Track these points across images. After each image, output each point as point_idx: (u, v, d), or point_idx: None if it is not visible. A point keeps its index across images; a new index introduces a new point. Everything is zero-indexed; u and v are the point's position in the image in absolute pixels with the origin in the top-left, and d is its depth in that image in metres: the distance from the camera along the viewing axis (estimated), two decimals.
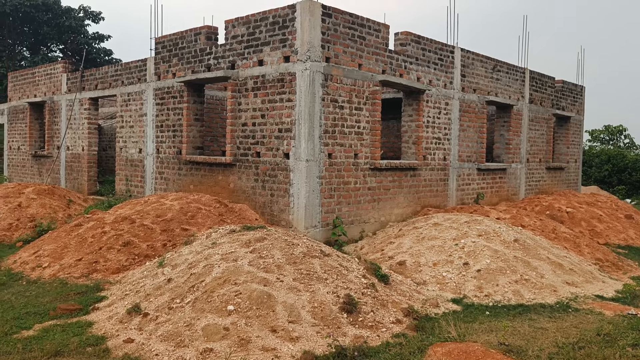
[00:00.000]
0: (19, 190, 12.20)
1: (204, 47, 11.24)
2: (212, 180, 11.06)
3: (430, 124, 11.90)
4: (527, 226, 10.53)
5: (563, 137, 17.70)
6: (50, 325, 5.61)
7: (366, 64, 10.27)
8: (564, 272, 7.98)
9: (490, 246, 8.11)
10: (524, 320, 6.22)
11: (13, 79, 18.92)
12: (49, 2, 29.87)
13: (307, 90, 9.22)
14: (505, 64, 14.39)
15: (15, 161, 18.65)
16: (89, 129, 15.17)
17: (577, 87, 18.11)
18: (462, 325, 5.90)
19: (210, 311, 5.37)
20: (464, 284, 7.38)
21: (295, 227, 9.30)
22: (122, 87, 13.79)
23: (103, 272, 7.57)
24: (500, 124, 14.78)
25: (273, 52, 9.77)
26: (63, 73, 16.24)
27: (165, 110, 12.29)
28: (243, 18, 10.32)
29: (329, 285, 5.99)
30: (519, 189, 15.25)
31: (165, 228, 8.64)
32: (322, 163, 9.53)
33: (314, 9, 9.26)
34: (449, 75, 12.44)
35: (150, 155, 12.77)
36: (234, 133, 10.50)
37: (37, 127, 17.68)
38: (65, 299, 6.55)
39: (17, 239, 10.47)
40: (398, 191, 11.17)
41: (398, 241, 9.00)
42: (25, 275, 7.70)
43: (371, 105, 10.37)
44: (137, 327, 5.42)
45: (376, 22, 10.47)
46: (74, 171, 15.61)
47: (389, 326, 5.68)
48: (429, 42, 11.84)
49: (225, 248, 6.77)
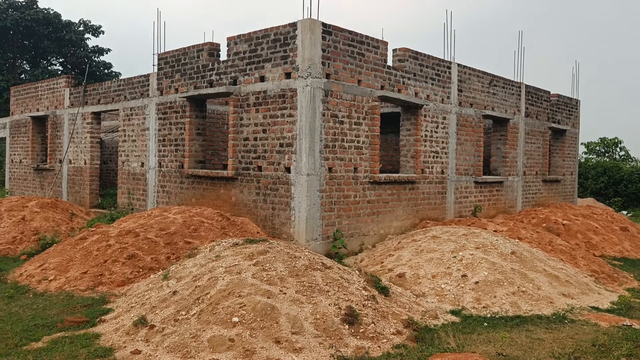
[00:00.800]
0: (23, 203, 12.36)
1: (207, 63, 11.46)
2: (214, 194, 11.23)
3: (428, 138, 12.11)
4: (524, 238, 10.69)
5: (559, 150, 17.93)
6: (58, 337, 5.75)
7: (365, 79, 10.49)
8: (560, 283, 8.13)
9: (488, 258, 8.27)
10: (521, 331, 6.37)
11: (15, 93, 19.13)
12: (50, 16, 30.22)
13: (307, 105, 9.43)
14: (501, 78, 14.64)
15: (17, 174, 18.80)
16: (91, 142, 15.35)
17: (572, 100, 18.37)
18: (461, 336, 6.05)
19: (216, 323, 5.52)
20: (463, 295, 7.53)
21: (296, 240, 9.46)
22: (124, 101, 13.99)
23: (108, 285, 7.71)
24: (497, 137, 15.00)
25: (274, 69, 9.98)
26: (66, 87, 16.45)
27: (168, 125, 12.48)
28: (245, 35, 10.55)
29: (331, 297, 6.14)
30: (516, 201, 15.44)
31: (168, 241, 8.79)
32: (323, 177, 9.71)
33: (315, 27, 9.49)
34: (446, 90, 12.67)
35: (153, 169, 12.94)
36: (235, 147, 10.68)
37: (39, 140, 17.86)
38: (72, 312, 6.68)
39: (22, 252, 10.61)
40: (397, 204, 11.34)
41: (397, 254, 9.16)
42: (31, 288, 7.84)
43: (370, 120, 10.57)
44: (144, 339, 5.55)
45: (375, 39, 10.70)
46: (76, 184, 15.77)
47: (389, 337, 5.82)
48: (426, 58, 12.08)
49: (228, 261, 6.92)
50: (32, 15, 28.99)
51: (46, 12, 30.20)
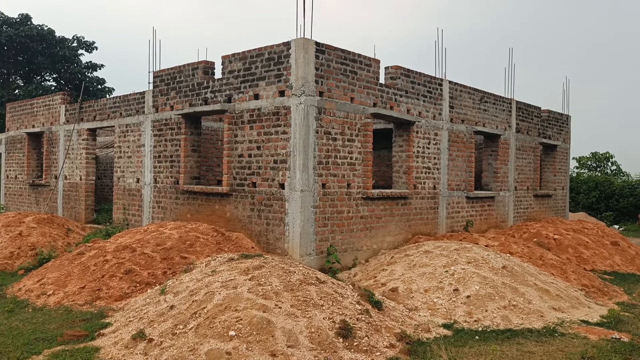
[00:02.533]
0: (20, 219, 12.44)
1: (201, 81, 11.66)
2: (209, 210, 11.36)
3: (420, 154, 12.32)
4: (515, 253, 10.87)
5: (550, 165, 18.19)
6: (59, 351, 5.85)
7: (358, 97, 10.71)
8: (551, 297, 8.29)
9: (480, 273, 8.43)
10: (512, 344, 6.51)
11: (11, 109, 19.25)
12: (44, 32, 30.43)
13: (301, 123, 9.62)
14: (492, 95, 14.92)
15: (12, 190, 18.85)
16: (86, 158, 15.47)
17: (562, 116, 18.68)
18: (453, 350, 6.19)
19: (213, 336, 5.63)
20: (454, 309, 7.67)
21: (290, 255, 9.59)
22: (120, 118, 14.15)
23: (106, 300, 7.81)
24: (488, 153, 15.24)
25: (268, 87, 10.19)
26: (62, 104, 16.59)
27: (163, 142, 12.64)
28: (239, 54, 10.76)
29: (325, 311, 6.27)
30: (508, 216, 15.65)
31: (165, 256, 8.91)
32: (316, 193, 9.87)
33: (308, 46, 9.71)
34: (438, 106, 12.92)
35: (148, 185, 13.07)
36: (230, 164, 10.84)
37: (34, 156, 17.96)
38: (71, 326, 6.78)
39: (19, 267, 10.69)
40: (390, 219, 11.51)
41: (390, 268, 9.30)
42: (30, 302, 7.93)
43: (363, 137, 10.77)
44: (143, 352, 5.66)
45: (367, 57, 10.94)
46: (72, 200, 15.85)
47: (383, 350, 5.95)
48: (418, 75, 12.33)
49: (224, 276, 7.04)
50: (26, 32, 29.18)
51: (40, 29, 30.40)
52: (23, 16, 30.34)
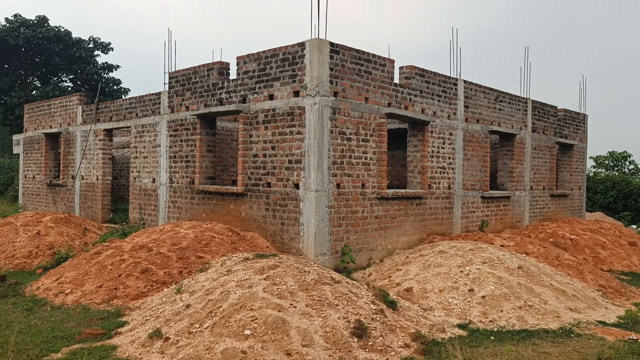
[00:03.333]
0: (37, 218, 12.62)
1: (216, 81, 11.73)
2: (224, 209, 11.43)
3: (435, 154, 12.28)
4: (530, 253, 10.79)
5: (566, 165, 18.03)
6: (77, 349, 5.93)
7: (372, 97, 10.70)
8: (567, 298, 8.23)
9: (495, 273, 8.39)
10: (527, 345, 6.47)
11: (29, 110, 19.52)
12: (61, 33, 30.78)
13: (316, 123, 9.64)
14: (507, 94, 14.82)
15: (30, 190, 19.11)
16: (103, 159, 15.64)
17: (579, 115, 18.50)
18: (468, 350, 6.16)
19: (228, 335, 5.68)
20: (469, 309, 7.64)
21: (305, 255, 9.62)
22: (136, 119, 14.29)
23: (123, 299, 7.90)
24: (503, 152, 15.15)
25: (283, 87, 10.22)
26: (78, 105, 16.79)
27: (179, 142, 12.73)
28: (254, 54, 10.81)
29: (340, 311, 6.29)
30: (523, 216, 15.54)
31: (181, 256, 8.98)
32: (331, 193, 9.89)
33: (323, 46, 9.73)
34: (453, 106, 12.87)
35: (164, 185, 13.18)
36: (245, 164, 10.90)
37: (52, 157, 18.20)
38: (88, 324, 6.87)
39: (37, 266, 10.85)
40: (404, 219, 11.49)
41: (405, 268, 9.29)
42: (49, 301, 8.05)
43: (377, 137, 10.77)
44: (159, 351, 5.72)
45: (382, 57, 10.93)
46: (88, 200, 16.03)
47: (397, 350, 5.95)
48: (432, 75, 12.29)
49: (240, 275, 7.09)
50: (43, 33, 29.54)
51: (57, 30, 30.76)
52: (40, 18, 30.73)
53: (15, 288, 8.78)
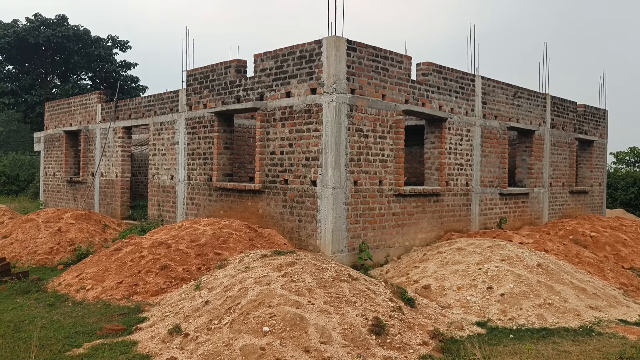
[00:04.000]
0: (58, 215, 12.80)
1: (234, 79, 11.78)
2: (241, 206, 11.49)
3: (453, 151, 12.21)
4: (550, 251, 10.69)
5: (586, 161, 17.81)
6: (98, 344, 6.02)
7: (389, 94, 10.67)
8: (588, 296, 8.14)
9: (514, 271, 8.33)
10: (547, 343, 6.42)
11: (49, 108, 19.79)
12: (80, 32, 31.11)
13: (333, 120, 9.64)
14: (526, 90, 14.67)
15: (51, 187, 19.39)
16: (122, 156, 15.81)
17: (599, 110, 18.26)
18: (487, 348, 6.13)
19: (247, 332, 5.71)
20: (488, 307, 7.60)
21: (322, 252, 9.64)
22: (154, 116, 14.40)
23: (143, 295, 7.99)
24: (522, 149, 15.01)
25: (300, 85, 10.23)
26: (98, 103, 16.98)
27: (197, 139, 12.82)
28: (271, 52, 10.83)
29: (358, 308, 6.29)
30: (542, 213, 15.39)
31: (199, 252, 9.05)
32: (348, 190, 9.89)
33: (340, 43, 9.72)
34: (470, 102, 12.77)
35: (182, 182, 13.28)
36: (262, 161, 10.94)
37: (72, 154, 18.44)
38: (109, 320, 6.97)
39: (59, 262, 11.02)
40: (422, 216, 11.45)
41: (422, 265, 9.26)
42: (70, 296, 8.17)
43: (395, 134, 10.73)
44: (179, 347, 5.78)
45: (399, 54, 10.89)
46: (108, 197, 16.22)
47: (415, 348, 5.94)
48: (450, 71, 12.21)
49: (258, 272, 7.12)
50: (63, 32, 29.88)
51: (76, 29, 31.09)
52: (60, 17, 31.07)
53: (38, 284, 8.92)
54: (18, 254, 11.25)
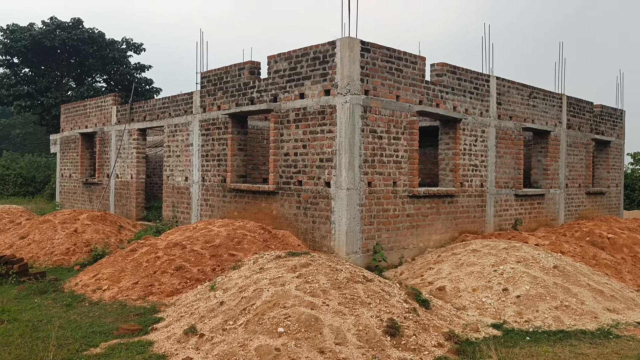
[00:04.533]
0: (75, 216, 12.93)
1: (248, 81, 11.82)
2: (255, 207, 11.52)
3: (467, 152, 12.14)
4: (566, 252, 10.59)
5: (603, 162, 17.62)
6: (115, 344, 6.07)
7: (403, 95, 10.64)
8: (605, 298, 8.05)
9: (530, 272, 8.26)
10: (564, 346, 6.36)
11: (65, 110, 20.00)
12: (95, 35, 31.42)
13: (347, 121, 9.64)
14: (541, 90, 14.55)
15: (67, 188, 19.59)
16: (137, 158, 15.93)
17: (616, 111, 18.05)
18: (503, 350, 6.09)
19: (262, 333, 5.73)
20: (504, 309, 7.55)
21: (336, 253, 9.63)
22: (169, 118, 14.50)
23: (158, 295, 8.05)
24: (537, 149, 14.88)
25: (314, 86, 10.24)
26: (113, 105, 17.13)
27: (211, 141, 12.88)
28: (285, 54, 10.86)
29: (373, 310, 6.28)
30: (558, 214, 15.24)
31: (214, 253, 9.09)
32: (362, 191, 9.87)
33: (353, 44, 9.71)
34: (485, 103, 12.70)
35: (196, 183, 13.35)
36: (276, 162, 10.96)
37: (87, 156, 18.63)
38: (125, 320, 7.02)
39: (75, 262, 11.13)
40: (436, 218, 11.40)
41: (437, 267, 9.22)
42: (87, 297, 8.25)
43: (409, 135, 10.70)
44: (194, 347, 5.81)
45: (413, 55, 10.86)
46: (123, 198, 16.35)
47: (431, 349, 5.92)
48: (464, 72, 12.15)
49: (272, 273, 7.14)
50: (78, 35, 30.21)
51: (91, 32, 31.40)
52: (75, 20, 31.41)
53: (55, 284, 9.02)
54: (35, 254, 11.39)
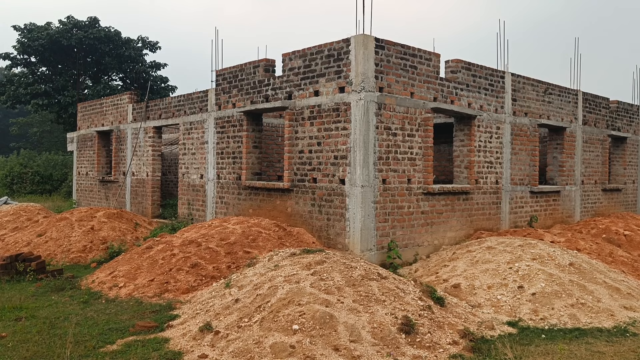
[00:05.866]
0: (91, 214, 13.08)
1: (262, 78, 11.85)
2: (270, 205, 11.57)
3: (482, 148, 12.08)
4: (582, 249, 10.50)
5: (619, 158, 17.42)
6: (131, 341, 6.14)
7: (418, 92, 10.60)
8: (622, 296, 7.97)
9: (545, 270, 8.20)
10: (580, 343, 6.32)
11: (82, 109, 20.21)
12: (111, 34, 31.66)
13: (361, 119, 9.63)
14: (557, 86, 14.41)
15: (84, 186, 19.81)
16: (153, 155, 16.06)
17: (633, 107, 17.83)
18: (518, 348, 6.07)
19: (277, 330, 5.76)
20: (519, 307, 7.51)
21: (351, 251, 9.64)
22: (184, 116, 14.59)
23: (174, 292, 8.12)
24: (553, 146, 14.76)
25: (328, 83, 10.25)
26: (129, 103, 17.28)
27: (226, 138, 12.95)
28: (299, 51, 10.87)
29: (387, 307, 6.29)
30: (574, 211, 15.11)
31: (229, 251, 9.15)
32: (377, 188, 9.87)
33: (368, 42, 9.70)
34: (500, 100, 12.61)
35: (211, 181, 13.43)
36: (291, 160, 10.99)
37: (104, 154, 18.81)
38: (141, 317, 7.10)
39: (92, 260, 11.27)
40: (451, 215, 11.36)
41: (452, 264, 9.19)
42: (103, 294, 8.35)
43: (423, 132, 10.67)
44: (210, 344, 5.86)
45: (427, 52, 10.81)
46: (139, 195, 16.50)
47: (445, 347, 5.91)
48: (479, 68, 12.08)
49: (287, 270, 7.17)
50: (94, 34, 30.47)
51: (107, 31, 31.64)
52: (91, 19, 31.68)
53: (72, 281, 9.14)
54: (52, 252, 11.55)
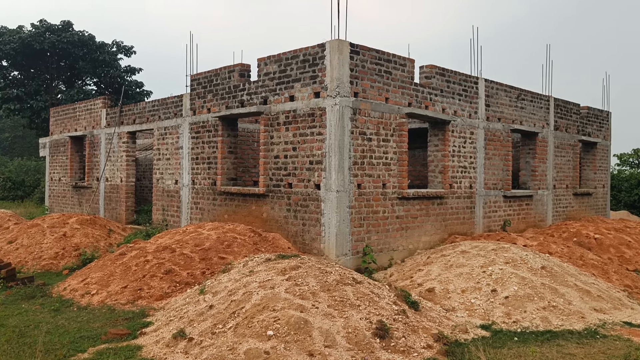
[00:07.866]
0: (64, 220, 12.87)
1: (238, 83, 11.82)
2: (245, 210, 11.52)
3: (456, 153, 12.22)
4: (554, 253, 10.67)
5: (590, 163, 17.78)
6: (103, 349, 6.05)
7: (393, 97, 10.69)
8: (592, 298, 8.12)
9: (518, 273, 8.32)
10: (552, 346, 6.42)
11: (55, 114, 19.89)
12: (85, 38, 31.27)
13: (336, 124, 9.67)
14: (529, 92, 14.67)
15: (56, 192, 19.47)
16: (127, 161, 15.87)
17: (602, 112, 18.23)
18: (491, 351, 6.13)
19: (251, 336, 5.73)
20: (492, 310, 7.60)
21: (326, 256, 9.65)
22: (159, 121, 14.47)
23: (147, 299, 8.02)
24: (525, 151, 15.00)
25: (304, 88, 10.27)
26: (102, 108, 17.06)
27: (201, 144, 12.87)
28: (275, 56, 10.87)
29: (362, 312, 6.30)
30: (546, 215, 15.36)
31: (203, 257, 9.08)
32: (352, 193, 9.90)
33: (343, 47, 9.75)
34: (474, 105, 12.78)
35: (186, 186, 13.33)
36: (266, 165, 10.97)
37: (77, 159, 18.53)
38: (114, 324, 7.00)
39: (64, 267, 11.07)
40: (425, 219, 11.45)
41: (426, 268, 9.27)
42: (75, 301, 8.21)
43: (398, 137, 10.75)
44: (183, 351, 5.80)
45: (402, 57, 10.91)
46: (113, 201, 16.28)
47: (420, 351, 5.95)
48: (453, 74, 12.23)
49: (262, 276, 7.15)
50: (68, 38, 30.07)
51: (81, 35, 31.25)
52: (65, 23, 31.24)
53: (43, 289, 8.97)
54: (23, 259, 11.32)
